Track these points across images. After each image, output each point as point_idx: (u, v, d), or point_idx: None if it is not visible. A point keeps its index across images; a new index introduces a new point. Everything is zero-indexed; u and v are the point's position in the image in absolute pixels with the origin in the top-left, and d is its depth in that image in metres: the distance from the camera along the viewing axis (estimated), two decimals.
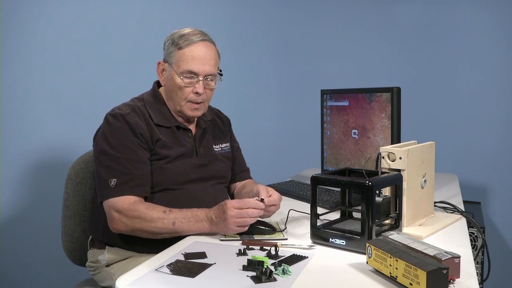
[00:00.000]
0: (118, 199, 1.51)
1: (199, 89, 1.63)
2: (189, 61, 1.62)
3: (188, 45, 1.62)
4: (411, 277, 1.01)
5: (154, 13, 2.74)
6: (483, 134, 2.80)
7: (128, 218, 1.49)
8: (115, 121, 1.59)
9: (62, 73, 2.56)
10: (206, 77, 1.65)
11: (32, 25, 2.50)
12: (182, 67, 1.62)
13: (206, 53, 1.63)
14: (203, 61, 1.63)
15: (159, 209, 1.49)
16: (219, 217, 1.42)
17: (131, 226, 1.50)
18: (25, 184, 2.53)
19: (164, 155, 1.62)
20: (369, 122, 1.93)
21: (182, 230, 1.47)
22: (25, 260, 2.56)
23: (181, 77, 1.62)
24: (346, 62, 2.96)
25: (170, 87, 1.67)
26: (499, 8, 2.73)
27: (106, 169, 1.55)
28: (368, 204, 1.25)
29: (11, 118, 2.49)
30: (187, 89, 1.64)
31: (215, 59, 1.67)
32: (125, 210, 1.50)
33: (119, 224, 1.51)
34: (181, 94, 1.64)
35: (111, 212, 1.52)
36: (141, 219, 1.48)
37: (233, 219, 1.40)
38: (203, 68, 1.63)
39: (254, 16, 2.96)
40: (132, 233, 1.53)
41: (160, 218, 1.47)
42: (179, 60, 1.63)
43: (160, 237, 1.50)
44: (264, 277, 1.10)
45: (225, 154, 1.83)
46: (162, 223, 1.47)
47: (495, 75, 2.77)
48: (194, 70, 1.62)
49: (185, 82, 1.63)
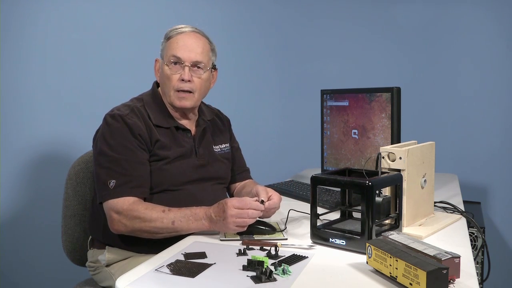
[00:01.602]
0: (118, 200, 1.51)
1: (184, 75, 1.63)
2: (174, 47, 1.63)
3: (176, 35, 1.65)
4: (411, 277, 1.01)
5: (154, 13, 2.74)
6: (483, 134, 2.80)
7: (127, 219, 1.49)
8: (114, 122, 1.59)
9: (62, 73, 2.56)
10: (193, 65, 1.64)
11: (32, 25, 2.50)
12: (168, 54, 1.64)
13: (193, 42, 1.65)
14: (189, 48, 1.63)
15: (158, 209, 1.49)
16: (218, 216, 1.42)
17: (131, 227, 1.50)
18: (25, 184, 2.53)
19: (163, 156, 1.62)
20: (369, 122, 1.93)
21: (181, 228, 1.47)
22: (25, 260, 2.56)
23: (168, 65, 1.64)
24: (346, 62, 2.96)
25: (162, 80, 1.68)
26: (499, 8, 2.73)
27: (105, 170, 1.55)
28: (368, 204, 1.25)
29: (11, 118, 2.49)
30: (174, 76, 1.64)
31: (203, 47, 1.67)
32: (124, 211, 1.50)
33: (119, 225, 1.51)
34: (169, 83, 1.65)
35: (111, 214, 1.52)
36: (141, 219, 1.48)
37: (232, 218, 1.40)
38: (188, 55, 1.63)
39: (254, 16, 2.96)
40: (132, 234, 1.53)
41: (159, 217, 1.47)
42: (166, 49, 1.66)
43: (160, 236, 1.50)
44: (264, 277, 1.10)
45: (224, 155, 1.82)
46: (161, 223, 1.47)
47: (495, 75, 2.77)
48: (178, 55, 1.63)
49: (171, 69, 1.63)
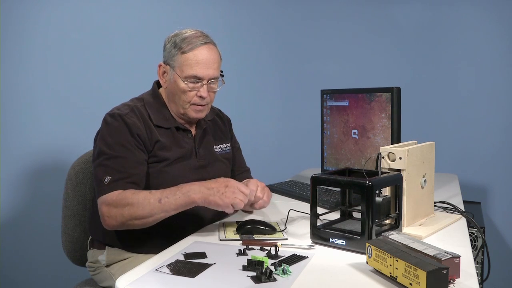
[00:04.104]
0: (109, 194, 1.49)
1: (203, 93, 1.63)
2: (194, 65, 1.60)
3: (191, 50, 1.60)
4: (411, 277, 1.01)
5: (154, 13, 2.74)
6: (483, 134, 2.80)
7: (117, 208, 1.47)
8: (113, 120, 1.59)
9: (62, 73, 2.56)
10: (209, 80, 1.64)
11: (32, 25, 2.50)
12: (186, 72, 1.61)
13: (209, 57, 1.62)
14: (207, 65, 1.62)
15: (145, 192, 1.48)
16: (216, 188, 1.41)
17: (121, 217, 1.46)
18: (25, 184, 2.53)
19: (163, 158, 1.62)
20: (369, 122, 1.93)
21: (169, 206, 1.44)
22: (25, 260, 2.56)
23: (185, 82, 1.61)
24: (346, 62, 2.96)
25: (173, 90, 1.65)
26: (499, 8, 2.73)
27: (103, 168, 1.54)
28: (368, 204, 1.25)
29: (11, 118, 2.49)
30: (191, 93, 1.63)
31: (218, 62, 1.66)
32: (114, 202, 1.47)
33: (110, 220, 1.48)
34: (184, 97, 1.63)
35: (102, 208, 1.50)
36: (129, 205, 1.45)
37: (236, 189, 1.41)
38: (207, 72, 1.62)
39: (254, 16, 2.96)
40: (124, 227, 1.50)
41: (146, 198, 1.45)
42: (182, 64, 1.61)
43: (151, 221, 1.46)
44: (264, 277, 1.10)
45: (225, 155, 1.82)
46: (148, 203, 1.44)
47: (495, 75, 2.77)
48: (199, 75, 1.61)
49: (189, 86, 1.62)
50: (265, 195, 1.65)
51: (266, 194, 1.66)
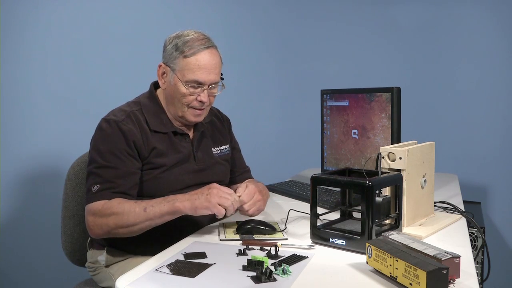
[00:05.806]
0: (95, 203, 1.49)
1: (203, 98, 1.61)
2: (195, 70, 1.58)
3: (193, 54, 1.58)
4: (411, 277, 1.01)
5: (154, 13, 2.74)
6: (483, 134, 2.80)
7: (102, 218, 1.47)
8: (108, 127, 1.57)
9: (61, 74, 2.56)
10: (210, 85, 1.63)
11: (32, 25, 2.50)
12: (188, 77, 1.58)
13: (211, 62, 1.60)
14: (209, 70, 1.60)
15: (131, 202, 1.48)
16: (201, 192, 1.42)
17: (106, 226, 1.47)
18: (25, 184, 2.53)
19: (160, 164, 1.60)
20: (369, 122, 1.93)
21: (154, 214, 1.44)
22: (25, 260, 2.56)
23: (186, 86, 1.59)
24: (346, 62, 2.96)
25: (173, 93, 1.63)
26: (499, 8, 2.73)
27: (93, 176, 1.54)
28: (368, 204, 1.25)
29: (10, 118, 2.49)
30: (191, 97, 1.61)
31: (219, 66, 1.65)
32: (99, 212, 1.48)
33: (95, 228, 1.49)
34: (184, 100, 1.61)
35: (87, 217, 1.51)
36: (114, 215, 1.45)
37: (217, 192, 1.40)
38: (209, 78, 1.60)
39: (254, 16, 2.95)
40: (110, 235, 1.50)
41: (131, 207, 1.45)
42: (184, 68, 1.59)
43: (137, 229, 1.47)
44: (264, 277, 1.10)
45: (224, 157, 1.81)
46: (134, 213, 1.44)
47: (495, 75, 2.77)
48: (200, 80, 1.59)
49: (190, 91, 1.60)
50: (254, 208, 1.55)
51: (256, 207, 1.56)
